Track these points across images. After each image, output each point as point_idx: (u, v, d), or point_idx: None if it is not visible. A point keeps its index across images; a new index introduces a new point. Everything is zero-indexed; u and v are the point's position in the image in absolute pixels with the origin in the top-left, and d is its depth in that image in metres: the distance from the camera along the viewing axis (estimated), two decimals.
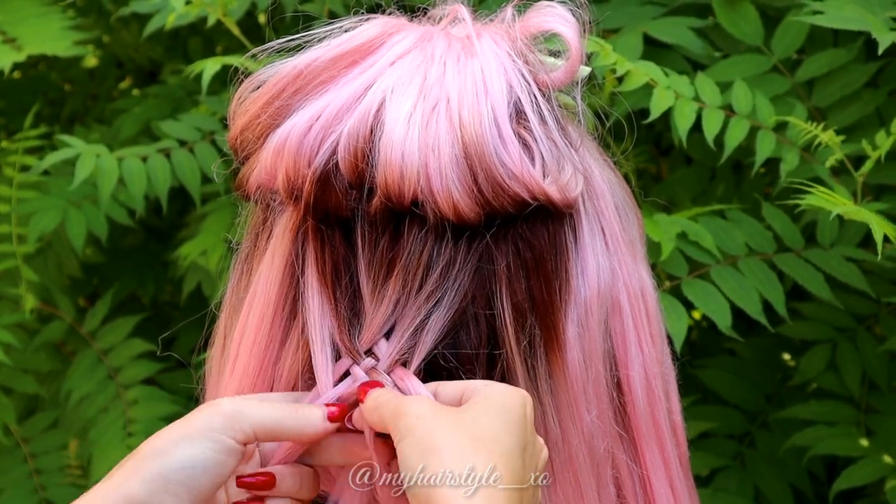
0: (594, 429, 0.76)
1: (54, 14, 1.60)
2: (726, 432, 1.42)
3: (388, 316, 0.73)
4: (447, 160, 0.72)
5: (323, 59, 0.77)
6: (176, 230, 1.80)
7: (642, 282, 0.82)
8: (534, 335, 0.74)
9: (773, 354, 1.49)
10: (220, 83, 1.45)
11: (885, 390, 1.35)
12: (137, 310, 1.84)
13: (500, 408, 0.69)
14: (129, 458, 0.70)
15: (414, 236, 0.73)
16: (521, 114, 0.75)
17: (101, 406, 1.61)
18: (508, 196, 0.72)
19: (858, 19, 1.16)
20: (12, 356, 1.58)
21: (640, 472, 0.80)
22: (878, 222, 1.05)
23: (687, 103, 1.20)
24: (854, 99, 1.30)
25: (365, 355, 0.73)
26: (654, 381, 0.82)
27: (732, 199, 1.45)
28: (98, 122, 1.89)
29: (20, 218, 1.56)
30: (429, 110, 0.73)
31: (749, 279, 1.22)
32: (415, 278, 0.73)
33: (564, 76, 0.78)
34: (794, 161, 1.22)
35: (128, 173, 1.40)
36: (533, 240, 0.74)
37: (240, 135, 0.79)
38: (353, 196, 0.74)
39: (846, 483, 1.28)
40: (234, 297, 0.82)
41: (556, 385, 0.75)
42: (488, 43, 0.77)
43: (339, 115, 0.74)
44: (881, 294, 1.29)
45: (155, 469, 0.69)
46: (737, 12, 1.33)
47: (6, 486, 1.64)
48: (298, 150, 0.74)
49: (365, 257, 0.74)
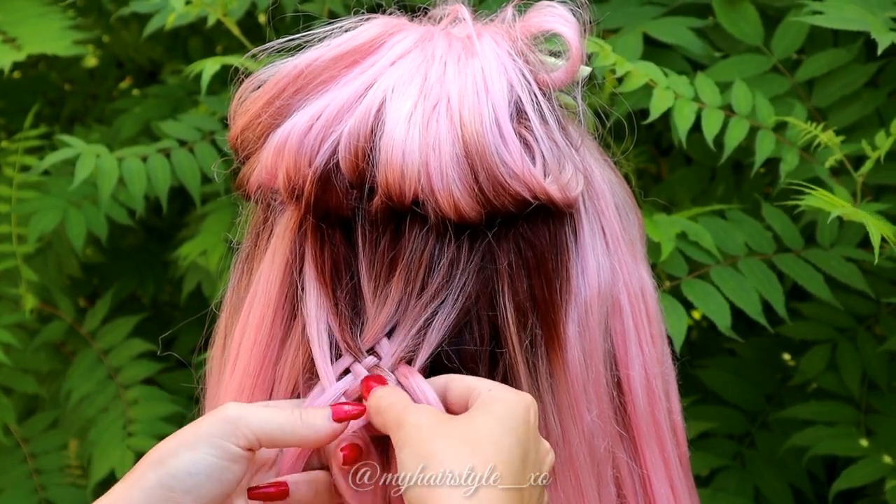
0: (595, 428, 0.77)
1: (54, 14, 1.60)
2: (726, 432, 1.42)
3: (391, 315, 0.73)
4: (448, 159, 0.72)
5: (323, 58, 0.77)
6: (176, 230, 1.80)
7: (642, 282, 0.82)
8: (535, 334, 0.74)
9: (773, 354, 1.49)
10: (220, 83, 1.45)
11: (885, 390, 1.35)
12: (137, 310, 1.84)
13: (501, 414, 0.69)
14: (132, 470, 0.69)
15: (415, 235, 0.73)
16: (522, 113, 0.75)
17: (101, 406, 1.61)
18: (509, 195, 0.72)
19: (858, 19, 1.16)
20: (12, 356, 1.58)
21: (640, 472, 0.81)
22: (875, 224, 1.05)
23: (687, 103, 1.20)
24: (854, 99, 1.29)
25: (367, 354, 0.74)
26: (655, 381, 0.82)
27: (732, 199, 1.45)
28: (98, 122, 1.89)
29: (20, 218, 1.56)
30: (429, 109, 0.73)
31: (749, 279, 1.22)
32: (416, 278, 0.73)
33: (565, 76, 0.78)
34: (793, 161, 1.22)
35: (128, 173, 1.40)
36: (534, 239, 0.74)
37: (240, 134, 0.79)
38: (353, 195, 0.74)
39: (846, 483, 1.28)
40: (234, 296, 0.82)
41: (556, 384, 0.75)
42: (489, 43, 0.77)
43: (340, 115, 0.74)
44: (881, 294, 1.29)
45: (155, 478, 0.68)
46: (737, 12, 1.33)
47: (6, 486, 1.64)
48: (299, 149, 0.74)
49: (366, 257, 0.74)
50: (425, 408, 0.70)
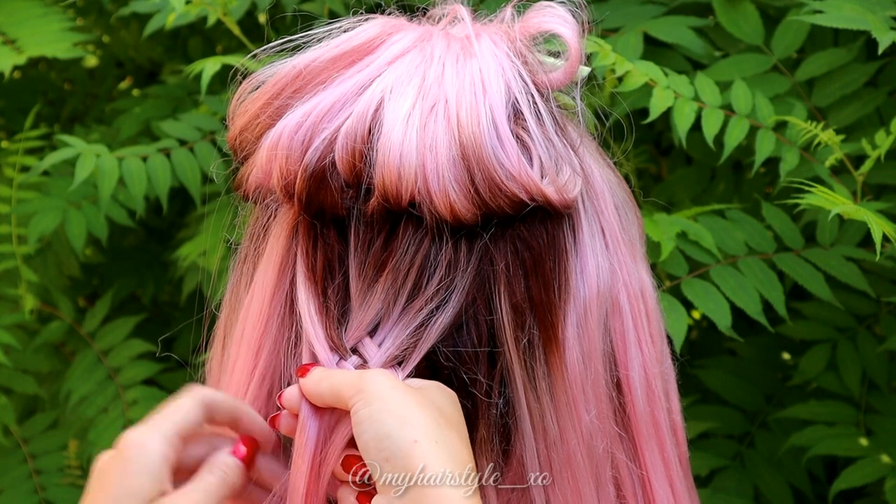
0: (593, 429, 0.76)
1: (54, 15, 1.60)
2: (726, 432, 1.42)
3: (375, 314, 0.73)
4: (445, 161, 0.72)
5: (322, 59, 0.77)
6: (176, 230, 1.80)
7: (642, 282, 0.82)
8: (533, 335, 0.74)
9: (773, 354, 1.49)
10: (220, 83, 1.45)
11: (884, 390, 1.35)
12: (137, 310, 1.84)
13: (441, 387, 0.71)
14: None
15: (409, 237, 0.73)
16: (520, 114, 0.74)
17: (100, 406, 1.61)
18: (506, 197, 0.72)
19: (858, 19, 1.16)
20: (12, 357, 1.58)
21: (639, 473, 0.80)
22: (877, 222, 1.05)
23: (687, 103, 1.20)
24: (854, 98, 1.29)
25: (351, 353, 0.73)
26: (654, 381, 0.81)
27: (732, 198, 1.45)
28: (98, 122, 1.89)
29: (20, 218, 1.56)
30: (427, 111, 0.73)
31: (749, 279, 1.22)
32: (408, 278, 0.73)
33: (564, 77, 0.78)
34: (793, 161, 1.22)
35: (128, 173, 1.40)
36: (531, 240, 0.74)
37: (239, 135, 0.79)
38: (349, 195, 0.74)
39: (846, 483, 1.28)
40: (233, 297, 0.82)
41: (554, 385, 0.75)
42: (487, 43, 0.77)
43: (333, 111, 0.74)
44: (881, 294, 1.29)
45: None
46: (737, 12, 1.33)
47: (6, 486, 1.64)
48: (290, 145, 0.74)
49: (357, 256, 0.74)
50: (381, 371, 0.71)
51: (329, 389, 0.71)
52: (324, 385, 0.71)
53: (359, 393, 0.69)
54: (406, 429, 0.66)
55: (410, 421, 0.67)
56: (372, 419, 0.67)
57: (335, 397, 0.70)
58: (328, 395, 0.71)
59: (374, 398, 0.68)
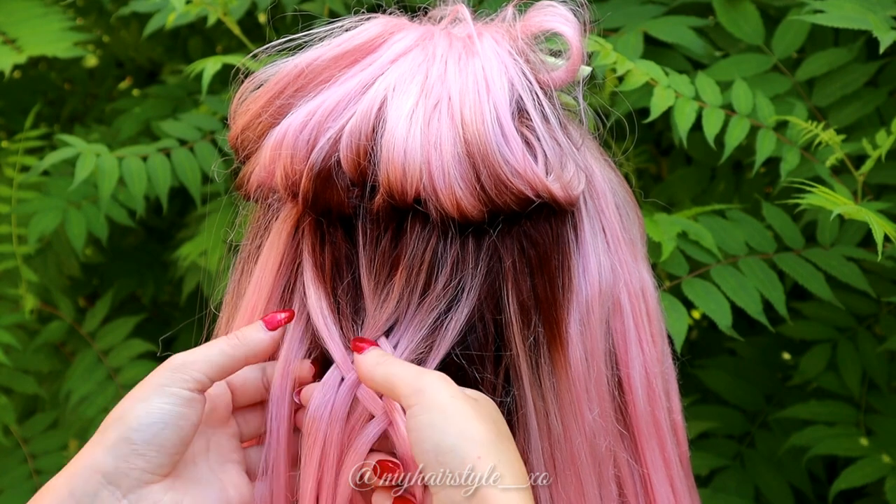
0: (596, 427, 0.76)
1: (54, 15, 1.59)
2: (726, 432, 1.42)
3: (392, 313, 0.73)
4: (450, 158, 0.72)
5: (324, 58, 0.77)
6: (176, 230, 1.80)
7: (643, 281, 0.82)
8: (538, 333, 0.74)
9: (773, 354, 1.49)
10: (220, 83, 1.45)
11: (884, 390, 1.35)
12: (137, 310, 1.84)
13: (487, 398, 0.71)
14: (96, 432, 0.71)
15: (417, 234, 0.73)
16: (524, 112, 0.75)
17: (100, 406, 1.61)
18: (512, 193, 0.72)
19: (859, 18, 1.16)
20: (12, 357, 1.58)
21: (640, 471, 0.80)
22: (878, 222, 1.05)
23: (687, 103, 1.20)
24: (854, 98, 1.29)
25: None
26: (655, 381, 0.82)
27: (733, 198, 1.45)
28: (98, 122, 1.89)
29: (20, 218, 1.56)
30: (431, 108, 0.73)
31: (749, 279, 1.22)
32: (419, 276, 0.73)
33: (565, 75, 0.78)
34: (794, 160, 1.21)
35: (128, 173, 1.40)
36: (537, 237, 0.74)
37: (241, 134, 0.79)
38: (355, 193, 0.74)
39: (846, 483, 1.28)
40: (233, 297, 0.82)
41: (559, 383, 0.75)
42: (489, 42, 0.77)
43: (337, 111, 0.74)
44: (881, 294, 1.29)
45: (116, 434, 0.69)
46: (737, 11, 1.33)
47: (6, 486, 1.64)
48: (295, 145, 0.74)
49: (366, 254, 0.74)
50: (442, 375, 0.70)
51: (384, 377, 0.70)
52: (379, 371, 0.71)
53: (417, 394, 0.68)
54: (469, 445, 0.66)
55: (472, 436, 0.66)
56: (433, 428, 0.67)
57: (389, 387, 0.70)
58: (381, 382, 0.70)
59: (434, 406, 0.67)
